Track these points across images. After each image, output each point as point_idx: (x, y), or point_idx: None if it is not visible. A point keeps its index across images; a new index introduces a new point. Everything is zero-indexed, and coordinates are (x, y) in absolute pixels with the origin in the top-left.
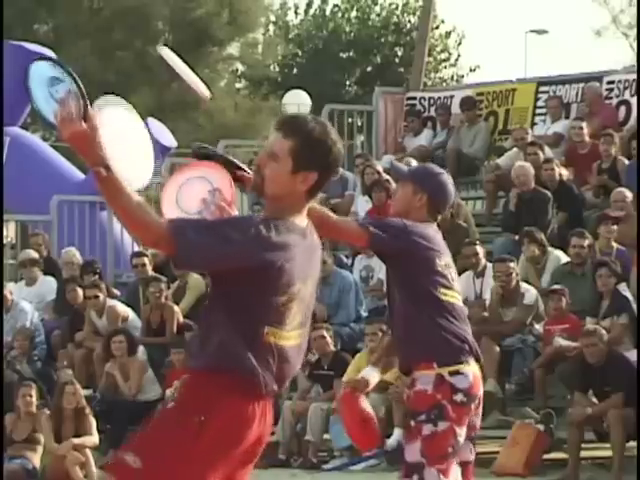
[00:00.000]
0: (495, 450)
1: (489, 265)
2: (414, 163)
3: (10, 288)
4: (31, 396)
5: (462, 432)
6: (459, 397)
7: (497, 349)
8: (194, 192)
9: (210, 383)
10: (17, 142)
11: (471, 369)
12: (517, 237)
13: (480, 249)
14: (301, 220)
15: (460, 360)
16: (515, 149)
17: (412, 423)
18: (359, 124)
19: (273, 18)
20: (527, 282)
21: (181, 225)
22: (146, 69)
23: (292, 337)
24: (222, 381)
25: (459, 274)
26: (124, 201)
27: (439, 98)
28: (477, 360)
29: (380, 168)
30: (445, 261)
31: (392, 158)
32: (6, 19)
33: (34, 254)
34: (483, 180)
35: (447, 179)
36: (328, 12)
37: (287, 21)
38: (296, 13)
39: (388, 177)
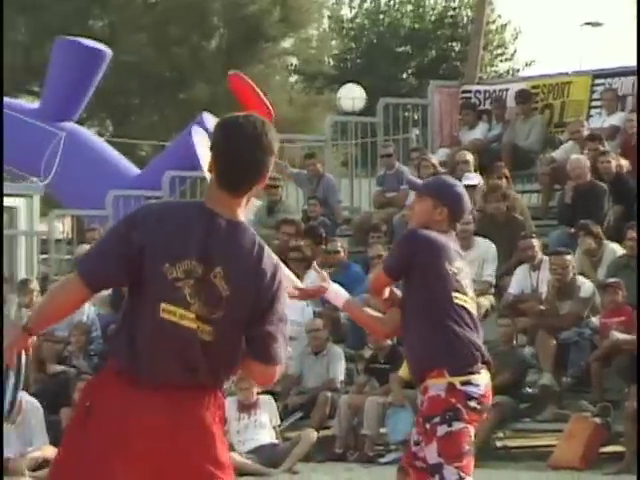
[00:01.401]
0: (552, 443)
1: (545, 258)
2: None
3: None
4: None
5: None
6: (473, 404)
7: (553, 342)
8: None
9: (102, 370)
10: (72, 137)
11: (483, 379)
12: (573, 230)
13: (536, 242)
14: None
15: (472, 370)
16: (571, 142)
17: (427, 426)
18: (414, 117)
19: (328, 13)
20: (583, 275)
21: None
22: (201, 64)
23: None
24: (108, 366)
25: (515, 267)
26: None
27: (494, 91)
28: (488, 367)
29: (436, 161)
30: (457, 266)
31: (447, 151)
32: (62, 16)
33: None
34: (539, 173)
35: (463, 190)
36: (382, 6)
37: (341, 15)
38: (350, 7)
39: (444, 170)
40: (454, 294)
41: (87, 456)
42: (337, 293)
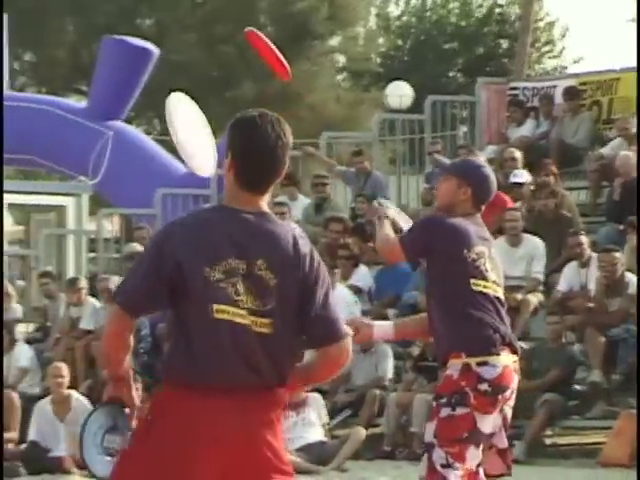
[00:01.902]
0: (601, 441)
1: (594, 255)
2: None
3: (115, 282)
4: (137, 389)
5: (487, 421)
6: (484, 387)
7: (602, 339)
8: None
9: (160, 389)
10: (120, 136)
11: (501, 360)
12: (621, 227)
13: (584, 239)
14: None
15: (489, 351)
16: (619, 138)
17: (434, 404)
18: (462, 115)
19: (375, 11)
20: (631, 272)
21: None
22: (248, 62)
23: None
24: (167, 383)
25: (563, 265)
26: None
27: (542, 88)
28: (513, 351)
29: (483, 159)
30: (477, 251)
31: (495, 149)
32: (108, 14)
33: (139, 248)
34: (587, 170)
35: (489, 171)
36: (429, 3)
37: (388, 13)
38: (397, 5)
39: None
40: (472, 280)
41: (155, 468)
42: (381, 328)
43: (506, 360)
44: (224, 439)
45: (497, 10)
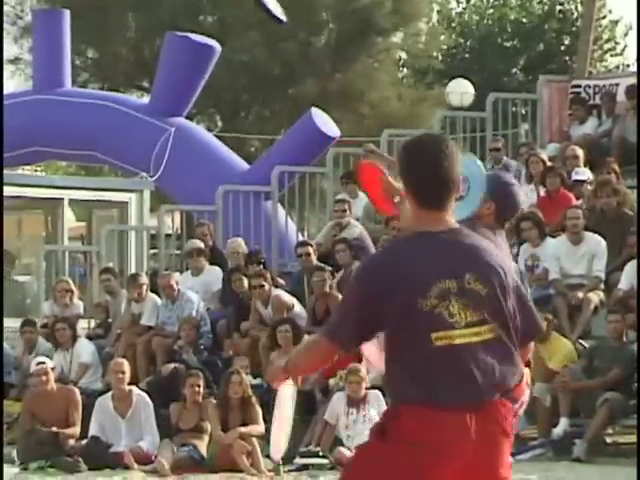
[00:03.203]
0: None
1: None
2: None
3: (176, 278)
4: (199, 386)
5: None
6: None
7: None
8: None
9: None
10: (182, 132)
11: None
12: None
13: None
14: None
15: None
16: None
17: None
18: (523, 112)
19: (437, 7)
20: None
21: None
22: (310, 60)
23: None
24: (399, 412)
25: (625, 263)
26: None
27: (604, 86)
28: None
29: (545, 156)
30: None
31: (557, 146)
32: (171, 11)
33: (200, 244)
34: None
35: (517, 190)
36: (490, 0)
37: (450, 10)
38: (458, 2)
39: (554, 165)
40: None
41: (385, 476)
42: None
43: None
44: (468, 455)
45: (558, 7)
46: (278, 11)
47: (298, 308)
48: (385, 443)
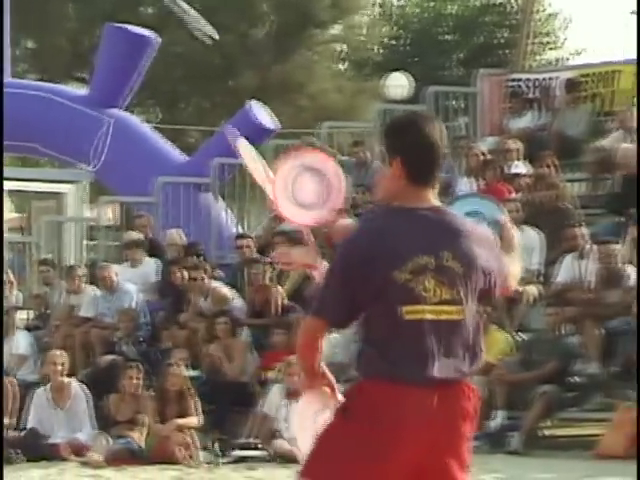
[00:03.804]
0: (598, 433)
1: (593, 247)
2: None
3: (114, 270)
4: (137, 378)
5: None
6: None
7: (600, 331)
8: (308, 185)
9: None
10: (120, 124)
11: None
12: (621, 219)
13: (583, 231)
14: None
15: None
16: (620, 131)
17: None
18: (462, 106)
19: (377, 0)
20: (631, 264)
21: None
22: (249, 52)
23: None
24: (364, 382)
25: (562, 256)
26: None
27: (542, 80)
28: None
29: (483, 150)
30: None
31: (495, 140)
32: (111, 2)
33: (138, 236)
34: (586, 162)
35: None
36: None
37: (390, 2)
38: None
39: (491, 158)
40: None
41: (353, 456)
42: None
43: None
44: (425, 427)
45: (496, 1)
46: (207, 28)
47: (236, 300)
48: (346, 421)
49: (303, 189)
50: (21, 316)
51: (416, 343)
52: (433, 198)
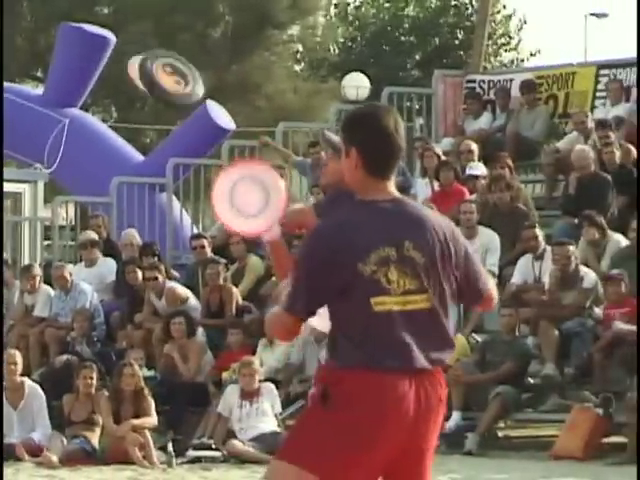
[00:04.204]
0: (554, 434)
1: (548, 248)
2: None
3: (69, 269)
4: (92, 378)
5: None
6: None
7: (556, 333)
8: (250, 194)
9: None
10: (76, 123)
11: None
12: (577, 220)
13: (539, 232)
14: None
15: None
16: (575, 132)
17: None
18: (418, 107)
19: (334, 1)
20: (587, 265)
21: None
22: (206, 52)
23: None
24: (339, 369)
25: (518, 257)
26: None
27: (499, 81)
28: None
29: (439, 151)
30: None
31: (451, 141)
32: (67, 2)
33: (94, 235)
34: (542, 163)
35: None
36: None
37: (347, 3)
38: None
39: (448, 159)
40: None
41: (340, 445)
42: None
43: None
44: (404, 418)
45: (453, 2)
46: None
47: (192, 300)
48: (327, 410)
49: (243, 198)
50: None
51: (389, 334)
52: (392, 189)
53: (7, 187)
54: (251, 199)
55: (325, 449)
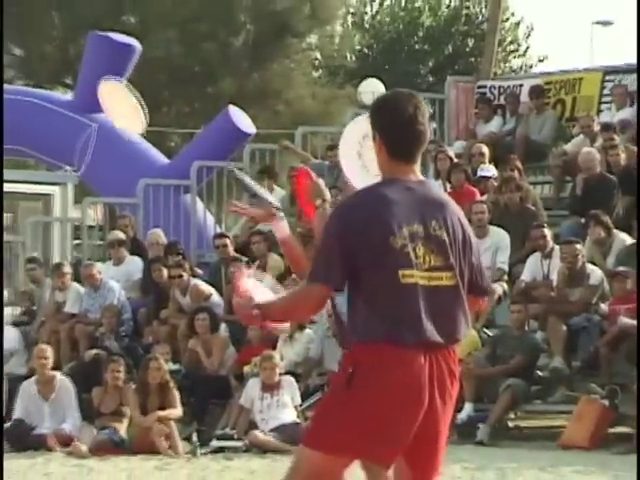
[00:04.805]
0: (562, 424)
1: (556, 247)
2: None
3: (98, 268)
4: (119, 371)
5: None
6: None
7: (564, 328)
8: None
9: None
10: (104, 128)
11: None
12: (583, 220)
13: (548, 232)
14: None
15: None
16: (582, 136)
17: None
18: (431, 111)
19: (351, 10)
20: (593, 263)
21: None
22: (228, 59)
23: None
24: (362, 345)
25: (527, 256)
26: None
27: (509, 87)
28: None
29: (452, 153)
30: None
31: (463, 144)
32: (95, 11)
33: (121, 235)
34: (551, 165)
35: None
36: (402, 3)
37: (363, 12)
38: (371, 5)
39: (459, 161)
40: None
41: (358, 420)
42: (284, 227)
43: None
44: (424, 387)
45: (464, 11)
46: (267, 195)
47: (215, 297)
48: (349, 389)
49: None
50: (9, 312)
51: (411, 307)
52: (417, 172)
53: (38, 189)
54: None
55: (347, 430)
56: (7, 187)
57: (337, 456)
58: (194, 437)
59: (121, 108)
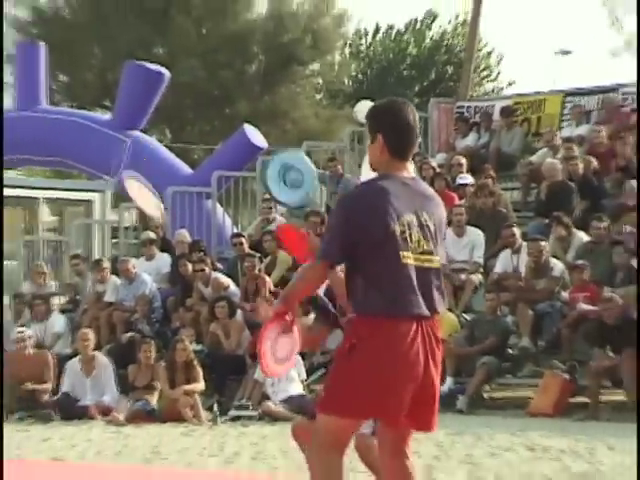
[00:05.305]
0: (529, 395)
1: (524, 244)
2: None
3: (133, 263)
4: (151, 351)
5: None
6: None
7: (531, 313)
8: (286, 346)
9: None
10: (138, 143)
11: None
12: (547, 221)
13: (517, 230)
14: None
15: None
16: (545, 148)
17: None
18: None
19: (348, 42)
20: (555, 257)
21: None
22: (243, 84)
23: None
24: (363, 318)
25: (499, 251)
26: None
27: (483, 107)
28: None
29: (434, 164)
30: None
31: (444, 156)
32: (129, 43)
33: (152, 235)
34: (519, 174)
35: None
36: (393, 36)
37: (359, 44)
38: (365, 37)
39: (441, 171)
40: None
41: (365, 378)
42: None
43: None
44: (419, 351)
45: (445, 43)
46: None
47: (233, 287)
48: (353, 359)
49: (281, 348)
50: (56, 301)
51: (407, 283)
52: (410, 169)
53: (81, 195)
54: (284, 348)
55: (355, 394)
56: (55, 194)
57: (349, 418)
58: (215, 407)
59: (145, 199)
